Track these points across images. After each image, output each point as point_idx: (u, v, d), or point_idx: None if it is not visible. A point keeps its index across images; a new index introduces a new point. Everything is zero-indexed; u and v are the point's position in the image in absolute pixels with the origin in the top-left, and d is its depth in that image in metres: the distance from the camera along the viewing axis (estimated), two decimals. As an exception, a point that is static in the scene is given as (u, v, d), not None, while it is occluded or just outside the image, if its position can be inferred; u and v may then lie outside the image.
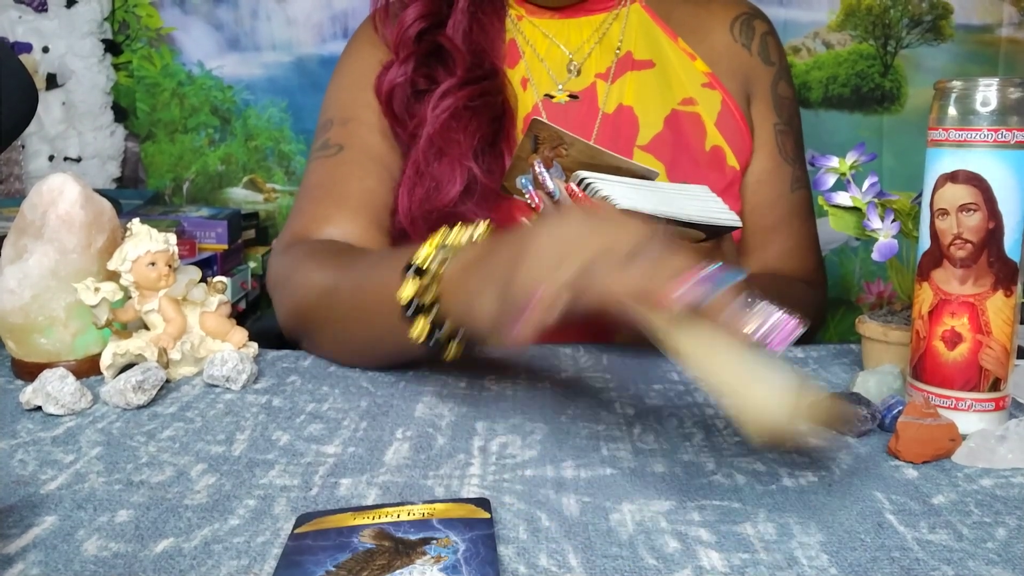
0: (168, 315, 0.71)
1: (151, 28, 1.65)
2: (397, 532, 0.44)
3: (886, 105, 1.63)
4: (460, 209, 0.84)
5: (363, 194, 0.89)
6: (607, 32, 0.95)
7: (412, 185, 0.86)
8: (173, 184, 1.68)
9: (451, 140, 0.85)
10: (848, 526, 0.47)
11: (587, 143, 0.73)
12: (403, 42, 0.89)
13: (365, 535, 0.44)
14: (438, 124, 0.85)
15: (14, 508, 0.49)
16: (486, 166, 0.85)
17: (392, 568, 0.40)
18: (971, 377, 0.59)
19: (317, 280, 0.76)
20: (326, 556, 0.42)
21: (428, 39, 0.89)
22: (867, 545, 0.45)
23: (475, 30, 0.90)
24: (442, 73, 0.88)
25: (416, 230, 0.86)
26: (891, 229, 0.69)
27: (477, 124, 0.85)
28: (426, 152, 0.86)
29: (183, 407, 0.66)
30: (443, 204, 0.84)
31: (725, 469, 0.54)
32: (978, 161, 0.57)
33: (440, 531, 0.44)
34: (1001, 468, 0.54)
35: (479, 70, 0.88)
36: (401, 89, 0.88)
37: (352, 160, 0.91)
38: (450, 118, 0.85)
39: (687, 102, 0.92)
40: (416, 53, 0.89)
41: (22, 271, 0.70)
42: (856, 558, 0.43)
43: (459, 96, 0.86)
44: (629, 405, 0.66)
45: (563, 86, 0.93)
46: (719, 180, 0.91)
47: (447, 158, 0.85)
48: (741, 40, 0.96)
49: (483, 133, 0.85)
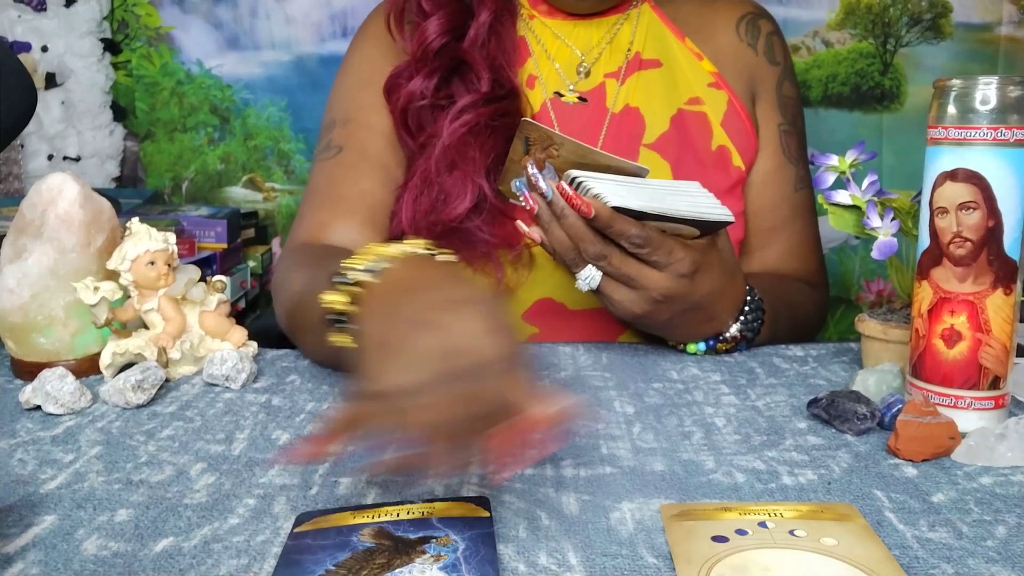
0: (167, 314, 0.71)
1: (150, 27, 1.65)
2: (397, 531, 0.44)
3: (886, 103, 1.63)
4: (467, 225, 0.84)
5: (361, 196, 0.89)
6: (618, 33, 0.95)
7: (418, 194, 0.86)
8: (172, 183, 1.68)
9: (466, 155, 0.85)
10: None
11: (577, 142, 0.73)
12: (425, 56, 0.88)
13: (365, 534, 0.44)
14: (455, 138, 0.85)
15: (14, 507, 0.49)
16: (497, 184, 0.85)
17: (392, 567, 0.40)
18: (971, 375, 0.59)
19: (295, 288, 0.76)
20: (326, 555, 0.42)
21: (448, 52, 0.88)
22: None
23: (493, 42, 0.90)
24: (460, 87, 0.88)
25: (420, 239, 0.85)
26: (891, 227, 0.69)
27: (493, 143, 0.85)
28: (438, 163, 0.85)
29: (183, 406, 0.66)
30: (450, 218, 0.84)
31: (724, 468, 0.54)
32: (977, 159, 0.57)
33: (440, 530, 0.44)
34: (1001, 466, 0.54)
35: (501, 89, 0.88)
36: (419, 102, 0.88)
37: (350, 162, 0.91)
38: (468, 133, 0.85)
39: (693, 101, 0.92)
40: (439, 69, 0.88)
41: (21, 270, 0.70)
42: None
43: (480, 113, 0.86)
44: (628, 404, 0.66)
45: (573, 87, 0.93)
46: (724, 180, 0.91)
47: (459, 172, 0.84)
48: (747, 39, 0.96)
49: (498, 152, 0.85)
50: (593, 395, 0.68)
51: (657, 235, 0.68)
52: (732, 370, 0.74)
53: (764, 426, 0.61)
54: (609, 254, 0.68)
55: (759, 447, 0.57)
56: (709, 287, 0.72)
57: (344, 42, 1.63)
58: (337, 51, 1.62)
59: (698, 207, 0.69)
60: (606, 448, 0.57)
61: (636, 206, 0.65)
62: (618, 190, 0.67)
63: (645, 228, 0.67)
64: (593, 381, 0.71)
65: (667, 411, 0.64)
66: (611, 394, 0.68)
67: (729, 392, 0.69)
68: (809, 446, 0.58)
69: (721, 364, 0.76)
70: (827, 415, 0.61)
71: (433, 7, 0.89)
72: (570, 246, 0.69)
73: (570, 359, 0.78)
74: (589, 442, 0.58)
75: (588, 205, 0.66)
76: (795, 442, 0.58)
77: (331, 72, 1.00)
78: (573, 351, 0.80)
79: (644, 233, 0.67)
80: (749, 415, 0.63)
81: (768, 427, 0.61)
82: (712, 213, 0.70)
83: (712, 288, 0.73)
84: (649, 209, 0.66)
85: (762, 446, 0.57)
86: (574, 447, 0.57)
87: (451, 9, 0.89)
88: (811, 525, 0.45)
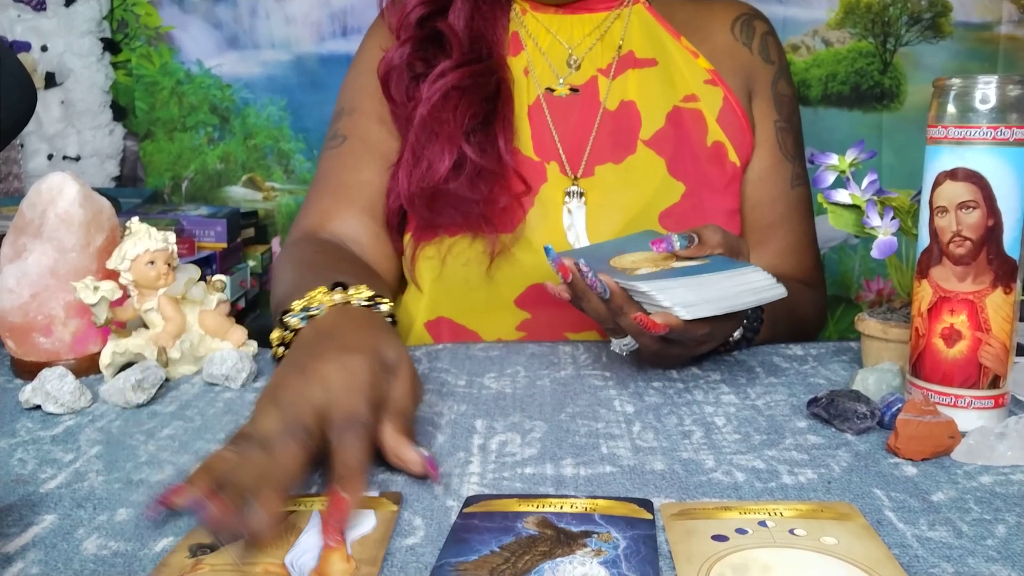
0: (167, 314, 0.71)
1: (150, 27, 1.65)
2: (559, 522, 0.45)
3: (885, 103, 1.62)
4: (451, 186, 0.86)
5: (362, 186, 0.92)
6: (608, 30, 0.95)
7: (410, 168, 0.88)
8: (172, 183, 1.68)
9: (441, 120, 0.87)
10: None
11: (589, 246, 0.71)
12: (404, 25, 0.92)
13: (529, 522, 0.45)
14: (430, 105, 0.87)
15: (14, 507, 0.49)
16: (478, 146, 0.87)
17: (553, 555, 0.42)
18: (970, 374, 0.59)
19: (280, 291, 0.79)
20: (491, 537, 0.43)
21: (430, 25, 0.91)
22: (867, 542, 0.45)
23: (476, 19, 0.92)
24: (440, 57, 0.90)
25: (415, 209, 0.88)
26: (890, 226, 0.69)
27: (467, 103, 0.87)
28: (419, 134, 0.88)
29: (182, 406, 0.66)
30: (434, 181, 0.86)
31: (724, 467, 0.54)
32: (977, 158, 0.56)
33: (601, 526, 0.45)
34: (1000, 465, 0.54)
35: (473, 53, 0.90)
36: (398, 71, 0.91)
37: (352, 151, 0.93)
38: (441, 99, 0.87)
39: (689, 99, 0.93)
40: (415, 37, 0.91)
41: (21, 270, 0.70)
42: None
43: (451, 77, 0.88)
44: (628, 403, 0.66)
45: (564, 80, 0.93)
46: (720, 176, 0.92)
47: (439, 137, 0.87)
48: (742, 39, 0.97)
49: (474, 112, 0.87)
50: (593, 394, 0.68)
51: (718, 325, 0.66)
52: (732, 369, 0.74)
53: (764, 425, 0.61)
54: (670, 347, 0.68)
55: (759, 446, 0.57)
56: (732, 327, 0.73)
57: (344, 41, 1.64)
58: (337, 51, 1.62)
59: (760, 293, 0.67)
60: (606, 447, 0.57)
61: (709, 313, 0.63)
62: (687, 297, 0.63)
63: (710, 324, 0.65)
64: (593, 380, 0.72)
65: (667, 410, 0.64)
66: (611, 393, 0.68)
67: (729, 391, 0.69)
68: (809, 445, 0.58)
69: (721, 363, 0.76)
70: (827, 414, 0.61)
71: None
72: (609, 317, 0.67)
73: (570, 358, 0.78)
74: (589, 441, 0.58)
75: (663, 327, 0.62)
76: (795, 441, 0.58)
77: (331, 71, 1.01)
78: (573, 350, 0.80)
79: (709, 330, 0.66)
80: (749, 414, 0.63)
81: (768, 426, 0.61)
82: (772, 295, 0.67)
83: (734, 326, 0.74)
84: (721, 311, 0.64)
85: (762, 445, 0.58)
86: (574, 446, 0.57)
87: None
88: (811, 524, 0.45)
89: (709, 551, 0.42)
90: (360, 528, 0.45)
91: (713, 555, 0.42)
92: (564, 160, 0.90)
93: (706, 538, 0.44)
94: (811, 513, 0.47)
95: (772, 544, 0.43)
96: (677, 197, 0.89)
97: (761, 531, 0.44)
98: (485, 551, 0.42)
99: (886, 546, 0.43)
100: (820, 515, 0.46)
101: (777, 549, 0.43)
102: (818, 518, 0.46)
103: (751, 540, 0.44)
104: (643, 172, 0.90)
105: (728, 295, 0.65)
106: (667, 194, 0.89)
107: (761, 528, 0.45)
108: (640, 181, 0.89)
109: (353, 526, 0.45)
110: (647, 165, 0.90)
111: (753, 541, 0.43)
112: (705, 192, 0.90)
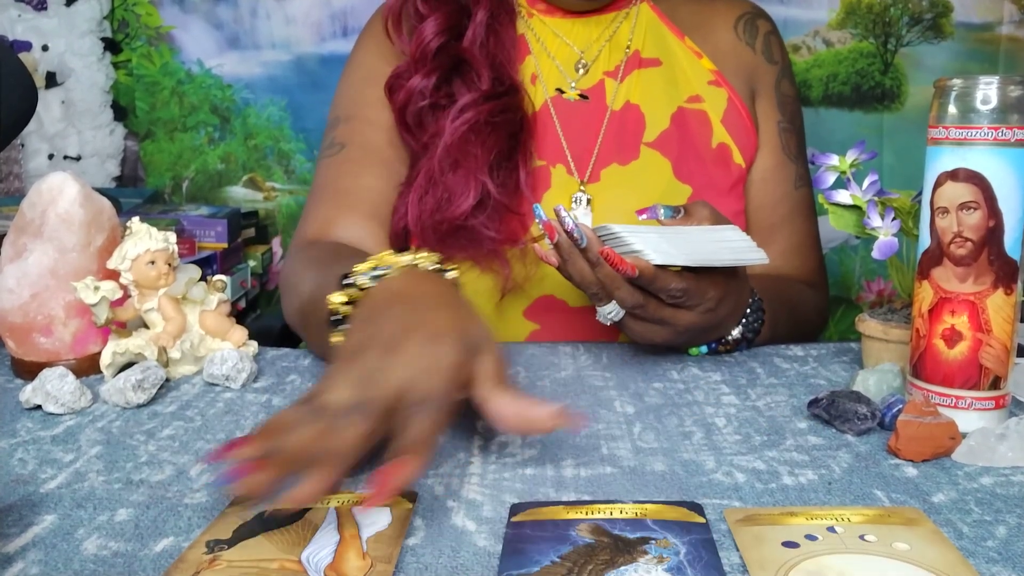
0: (168, 314, 0.71)
1: (150, 26, 1.65)
2: (613, 529, 0.45)
3: (886, 103, 1.62)
4: (471, 223, 0.84)
5: (364, 192, 0.90)
6: (617, 31, 0.95)
7: (423, 193, 0.86)
8: (172, 183, 1.68)
9: (468, 153, 0.85)
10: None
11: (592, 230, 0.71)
12: (423, 57, 0.89)
13: (582, 529, 0.44)
14: (457, 136, 0.85)
15: (14, 507, 0.49)
16: (500, 180, 0.85)
17: (616, 564, 0.41)
18: (971, 375, 0.59)
19: (306, 287, 0.76)
20: (548, 547, 0.43)
21: (447, 52, 0.89)
22: (867, 543, 0.45)
23: (492, 41, 0.90)
24: (461, 86, 0.88)
25: (425, 239, 0.86)
26: (891, 227, 0.69)
27: (495, 139, 0.86)
28: (441, 162, 0.86)
29: (183, 406, 0.66)
30: (454, 216, 0.84)
31: (725, 467, 0.54)
32: (978, 159, 0.56)
33: (657, 532, 0.44)
34: (1001, 466, 0.54)
35: (501, 86, 0.88)
36: (419, 102, 0.88)
37: (352, 158, 0.91)
38: (469, 131, 0.85)
39: (693, 99, 0.92)
40: (438, 68, 0.88)
41: (21, 270, 0.70)
42: (856, 556, 0.43)
43: (480, 111, 0.86)
44: (629, 404, 0.66)
45: (575, 84, 0.93)
46: (725, 177, 0.91)
47: (462, 170, 0.85)
48: (745, 39, 0.97)
49: (500, 148, 0.86)
50: (593, 395, 0.68)
51: (694, 284, 0.67)
52: (732, 370, 0.74)
53: (764, 426, 0.61)
54: (646, 304, 0.68)
55: (759, 447, 0.57)
56: (727, 312, 0.73)
57: (344, 42, 1.64)
58: (337, 51, 1.62)
59: (738, 253, 0.68)
60: (606, 448, 0.57)
61: (681, 262, 0.63)
62: (660, 245, 0.64)
63: (684, 279, 0.66)
64: (593, 381, 0.71)
65: (667, 411, 0.64)
66: (611, 394, 0.68)
67: (729, 392, 0.69)
68: (809, 446, 0.57)
69: (721, 364, 0.76)
70: (827, 415, 0.61)
71: (429, 9, 0.90)
72: (593, 280, 0.67)
73: (570, 359, 0.78)
74: (589, 442, 0.58)
75: (632, 267, 0.64)
76: (795, 442, 0.58)
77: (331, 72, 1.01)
78: (573, 351, 0.80)
79: (684, 285, 0.66)
80: (749, 415, 0.63)
81: (768, 427, 0.61)
82: (751, 257, 0.69)
83: (729, 312, 0.74)
84: (693, 263, 0.64)
85: (762, 446, 0.57)
86: (574, 447, 0.57)
87: (447, 10, 0.89)
88: (880, 530, 0.45)
89: (782, 558, 0.42)
90: (375, 525, 0.45)
91: (786, 562, 0.41)
92: (571, 163, 0.90)
93: (777, 544, 0.43)
94: (879, 518, 0.46)
95: (844, 550, 0.43)
96: (683, 200, 0.88)
97: (831, 537, 0.44)
98: (546, 562, 0.41)
99: (959, 551, 0.43)
100: (888, 520, 0.46)
101: (850, 555, 0.42)
102: (886, 523, 0.46)
103: (822, 546, 0.43)
104: (649, 175, 0.89)
105: (704, 251, 0.66)
106: (673, 197, 0.88)
107: (830, 534, 0.44)
108: (646, 184, 0.89)
109: (369, 524, 0.45)
110: (653, 168, 0.90)
111: (825, 547, 0.43)
112: (711, 194, 0.90)
